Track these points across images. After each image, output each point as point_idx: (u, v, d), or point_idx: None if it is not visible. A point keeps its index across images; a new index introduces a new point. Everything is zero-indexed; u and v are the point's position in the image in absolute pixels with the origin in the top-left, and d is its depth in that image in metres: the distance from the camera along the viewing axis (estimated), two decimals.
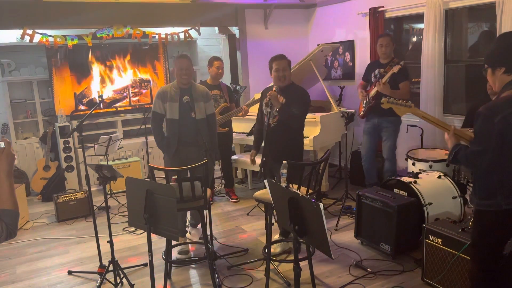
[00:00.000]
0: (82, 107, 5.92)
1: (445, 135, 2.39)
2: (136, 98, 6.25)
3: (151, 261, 2.63)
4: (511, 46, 2.18)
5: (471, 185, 2.87)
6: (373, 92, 4.51)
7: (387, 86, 4.33)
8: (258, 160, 3.55)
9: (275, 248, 3.71)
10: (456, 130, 2.37)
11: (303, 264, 3.12)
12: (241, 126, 5.44)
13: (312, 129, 4.85)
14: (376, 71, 4.61)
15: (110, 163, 5.46)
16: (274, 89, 3.54)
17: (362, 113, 4.70)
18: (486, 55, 2.30)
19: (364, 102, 4.65)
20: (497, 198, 2.17)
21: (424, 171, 3.95)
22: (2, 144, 1.74)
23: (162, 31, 5.94)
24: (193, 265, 3.66)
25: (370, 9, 5.39)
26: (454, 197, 3.65)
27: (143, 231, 4.14)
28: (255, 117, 4.05)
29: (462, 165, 2.28)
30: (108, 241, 3.25)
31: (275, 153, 3.68)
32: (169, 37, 5.95)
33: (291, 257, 3.59)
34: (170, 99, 3.76)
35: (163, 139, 3.88)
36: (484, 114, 2.12)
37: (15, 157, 1.81)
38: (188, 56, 3.87)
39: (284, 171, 3.85)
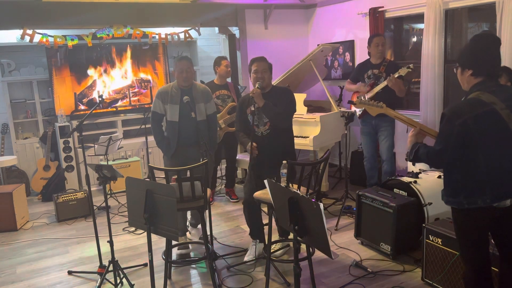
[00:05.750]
0: (82, 107, 5.92)
1: (410, 132, 2.43)
2: (136, 98, 6.25)
3: (151, 261, 2.63)
4: (480, 50, 2.24)
5: None
6: (372, 93, 4.48)
7: (400, 81, 4.30)
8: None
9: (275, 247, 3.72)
10: (423, 127, 2.44)
11: (303, 264, 3.12)
12: None
13: (312, 129, 4.85)
14: (370, 72, 4.60)
15: (110, 163, 5.46)
16: (256, 86, 3.43)
17: (359, 113, 4.69)
18: (458, 54, 2.36)
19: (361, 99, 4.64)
20: (460, 197, 2.22)
21: (424, 171, 3.94)
22: None
23: (162, 31, 5.94)
24: (193, 265, 3.66)
25: (370, 9, 5.39)
26: None
27: (143, 231, 4.15)
28: None
29: (423, 162, 2.34)
30: (108, 241, 3.25)
31: (274, 160, 3.54)
32: (169, 37, 5.95)
33: (291, 257, 3.59)
34: (170, 100, 3.74)
35: (163, 138, 3.88)
36: (447, 116, 2.19)
37: None
38: (188, 57, 3.84)
39: (284, 171, 3.84)
